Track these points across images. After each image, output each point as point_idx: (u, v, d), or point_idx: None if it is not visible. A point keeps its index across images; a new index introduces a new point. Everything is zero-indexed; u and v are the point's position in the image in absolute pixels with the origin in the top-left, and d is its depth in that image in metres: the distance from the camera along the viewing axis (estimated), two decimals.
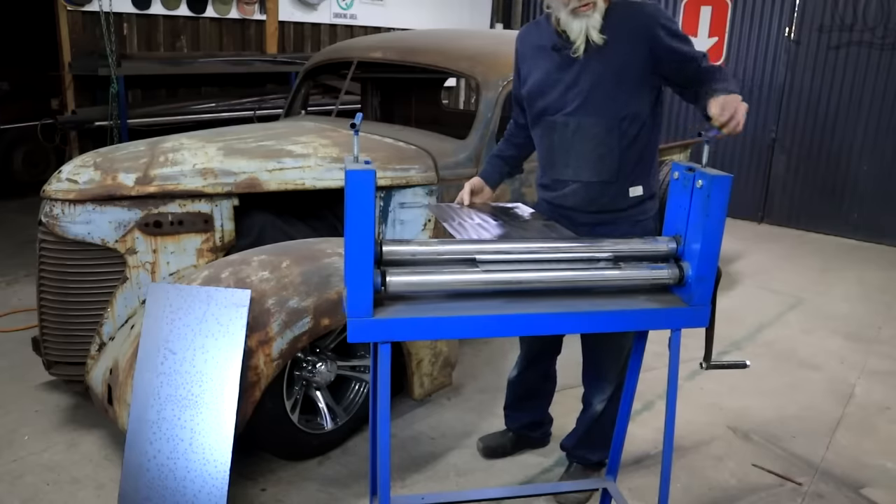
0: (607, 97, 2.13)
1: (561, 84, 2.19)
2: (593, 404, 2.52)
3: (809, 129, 6.65)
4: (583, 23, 2.07)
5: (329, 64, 4.17)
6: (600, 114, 2.15)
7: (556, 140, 2.25)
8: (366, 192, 1.57)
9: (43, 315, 2.73)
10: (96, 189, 2.60)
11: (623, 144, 2.18)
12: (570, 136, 2.21)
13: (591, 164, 2.20)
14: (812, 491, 2.69)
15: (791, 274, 5.39)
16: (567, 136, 2.21)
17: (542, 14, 2.28)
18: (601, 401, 2.49)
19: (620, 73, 2.11)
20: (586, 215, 2.27)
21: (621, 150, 2.19)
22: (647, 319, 1.84)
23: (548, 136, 2.27)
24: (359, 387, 2.86)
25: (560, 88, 2.19)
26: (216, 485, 2.20)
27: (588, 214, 2.27)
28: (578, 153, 2.21)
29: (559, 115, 2.21)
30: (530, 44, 2.32)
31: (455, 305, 1.73)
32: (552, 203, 2.34)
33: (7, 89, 6.76)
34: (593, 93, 2.14)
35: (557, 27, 2.16)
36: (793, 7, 6.58)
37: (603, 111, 2.15)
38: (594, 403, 2.51)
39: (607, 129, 2.16)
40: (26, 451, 2.72)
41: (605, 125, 2.15)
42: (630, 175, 2.23)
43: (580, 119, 2.17)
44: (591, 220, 2.27)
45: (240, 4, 6.28)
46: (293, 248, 2.66)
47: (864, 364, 3.83)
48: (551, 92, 2.21)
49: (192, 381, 2.28)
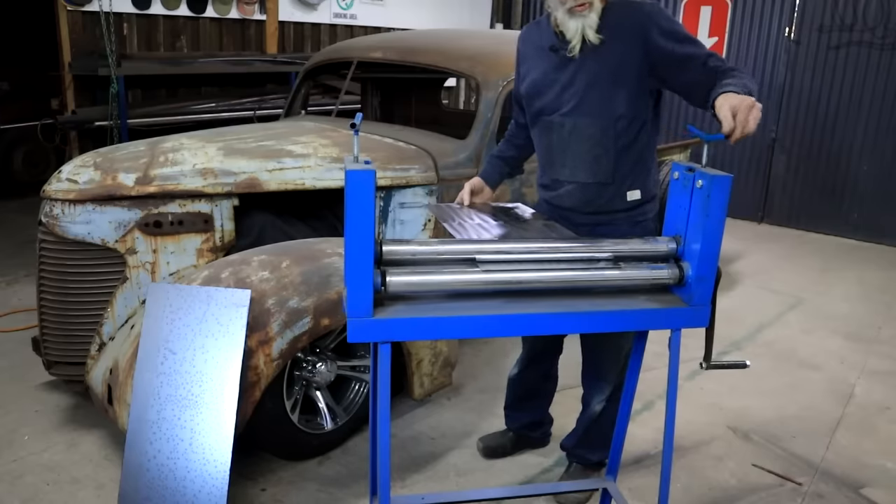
0: (603, 98, 2.13)
1: (557, 84, 2.19)
2: (592, 404, 2.52)
3: (809, 129, 6.65)
4: (579, 22, 2.07)
5: (329, 64, 4.17)
6: (596, 114, 2.14)
7: (553, 140, 2.25)
8: (366, 192, 1.57)
9: (43, 315, 2.73)
10: (96, 189, 2.60)
11: (619, 145, 2.17)
12: (566, 137, 2.21)
13: (588, 164, 2.20)
14: (812, 491, 2.69)
15: (791, 274, 5.39)
16: (563, 137, 2.21)
17: (544, 14, 2.28)
18: (600, 401, 2.49)
19: (616, 73, 2.10)
20: (584, 216, 2.27)
21: (617, 151, 2.18)
22: (647, 319, 1.84)
23: (546, 136, 2.27)
24: (359, 387, 2.86)
25: (556, 88, 2.19)
26: (216, 485, 2.20)
27: (586, 215, 2.27)
28: (575, 154, 2.21)
29: (556, 115, 2.21)
30: (531, 43, 2.32)
31: (455, 305, 1.73)
32: (551, 203, 2.34)
33: (7, 89, 6.76)
34: (589, 93, 2.13)
35: (556, 27, 2.16)
36: (793, 7, 6.58)
37: (598, 112, 2.14)
38: (593, 404, 2.51)
39: (602, 129, 2.15)
40: (26, 451, 2.72)
41: (600, 126, 2.15)
42: (627, 177, 2.22)
43: (576, 119, 2.17)
44: (589, 221, 2.27)
45: (240, 4, 6.28)
46: (293, 248, 2.66)
47: (864, 364, 3.83)
48: (548, 92, 2.21)
49: (192, 381, 2.28)
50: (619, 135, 2.16)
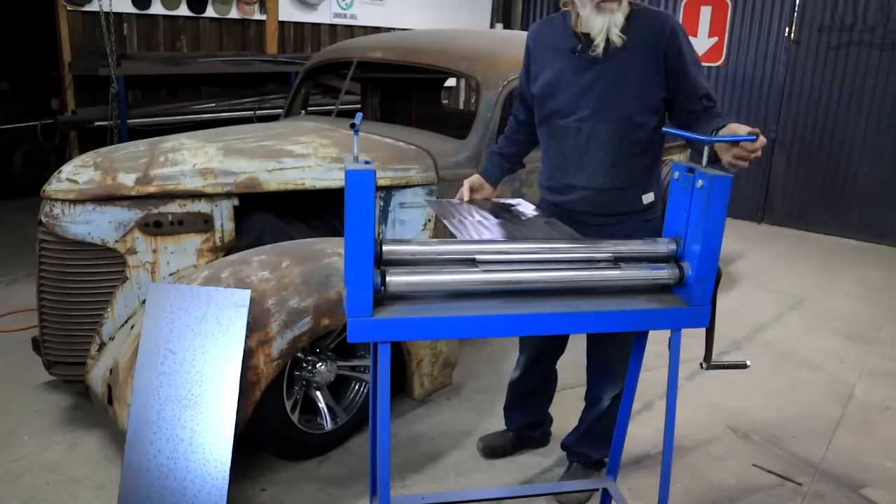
0: (623, 104, 2.11)
1: (575, 87, 2.16)
2: (602, 399, 2.49)
3: (809, 129, 6.65)
4: (606, 19, 2.04)
5: (329, 64, 4.17)
6: (615, 120, 2.13)
7: (569, 145, 2.22)
8: (366, 192, 1.57)
9: (43, 315, 2.73)
10: (96, 189, 2.60)
11: (636, 151, 2.17)
12: (583, 142, 2.18)
13: (606, 170, 2.19)
14: (812, 491, 2.69)
15: (791, 274, 5.39)
16: (581, 142, 2.19)
17: (558, 12, 2.25)
18: (610, 397, 2.47)
19: (636, 80, 2.10)
20: (597, 218, 2.26)
21: (634, 157, 2.18)
22: (647, 319, 1.84)
23: (559, 140, 2.24)
24: (359, 387, 2.86)
25: (573, 91, 2.16)
26: (216, 485, 2.20)
27: (599, 217, 2.26)
28: (592, 159, 2.19)
29: (571, 119, 2.18)
30: (543, 42, 2.27)
31: (455, 305, 1.73)
32: (561, 207, 2.30)
33: (7, 89, 6.76)
34: (608, 98, 2.12)
35: (576, 28, 2.13)
36: (793, 7, 6.57)
37: (618, 118, 2.13)
38: (604, 399, 2.49)
39: (622, 135, 2.14)
40: (26, 451, 2.72)
41: (619, 131, 2.14)
42: (642, 181, 2.23)
43: (594, 125, 2.15)
44: (600, 222, 2.26)
45: (240, 4, 6.27)
46: (293, 248, 2.66)
47: (864, 364, 3.83)
48: (563, 94, 2.18)
49: (192, 381, 2.28)
50: (637, 141, 2.16)
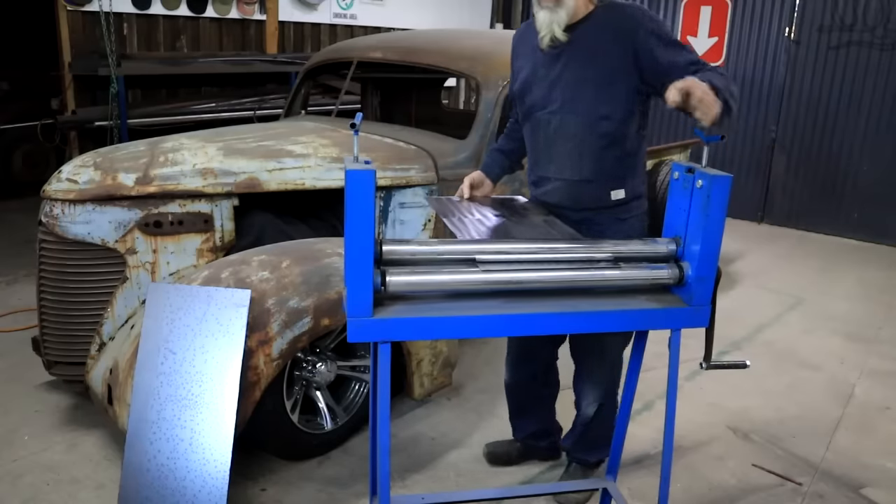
0: (588, 96, 2.14)
1: (545, 81, 2.21)
2: (583, 407, 2.52)
3: (809, 129, 6.65)
4: (548, 15, 2.10)
5: (329, 64, 4.17)
6: (580, 112, 2.15)
7: (540, 137, 2.27)
8: (366, 192, 1.57)
9: (43, 315, 2.73)
10: (96, 189, 2.60)
11: (602, 144, 2.17)
12: (552, 134, 2.22)
13: (572, 162, 2.21)
14: (812, 491, 2.69)
15: (791, 274, 5.39)
16: (549, 134, 2.23)
17: None
18: (589, 404, 2.48)
19: (602, 73, 2.11)
20: (571, 212, 2.27)
21: (601, 150, 2.18)
22: (647, 319, 1.84)
23: (534, 133, 2.29)
24: (359, 387, 2.86)
25: (544, 86, 2.21)
26: (216, 485, 2.20)
27: (572, 212, 2.27)
28: (560, 151, 2.22)
29: (543, 112, 2.23)
30: (524, 42, 2.34)
31: (455, 305, 1.73)
32: (540, 200, 2.34)
33: (7, 89, 6.76)
34: (574, 92, 2.15)
35: None
36: (793, 7, 6.58)
37: (583, 110, 2.15)
38: (583, 406, 2.51)
39: (586, 128, 2.16)
40: (26, 451, 2.72)
41: (584, 124, 2.16)
42: (611, 176, 2.22)
43: (562, 117, 2.18)
44: (575, 217, 2.26)
45: (240, 4, 6.27)
46: (293, 248, 2.66)
47: (864, 364, 3.83)
48: (536, 89, 2.23)
49: (192, 381, 2.28)
50: (604, 133, 2.16)
